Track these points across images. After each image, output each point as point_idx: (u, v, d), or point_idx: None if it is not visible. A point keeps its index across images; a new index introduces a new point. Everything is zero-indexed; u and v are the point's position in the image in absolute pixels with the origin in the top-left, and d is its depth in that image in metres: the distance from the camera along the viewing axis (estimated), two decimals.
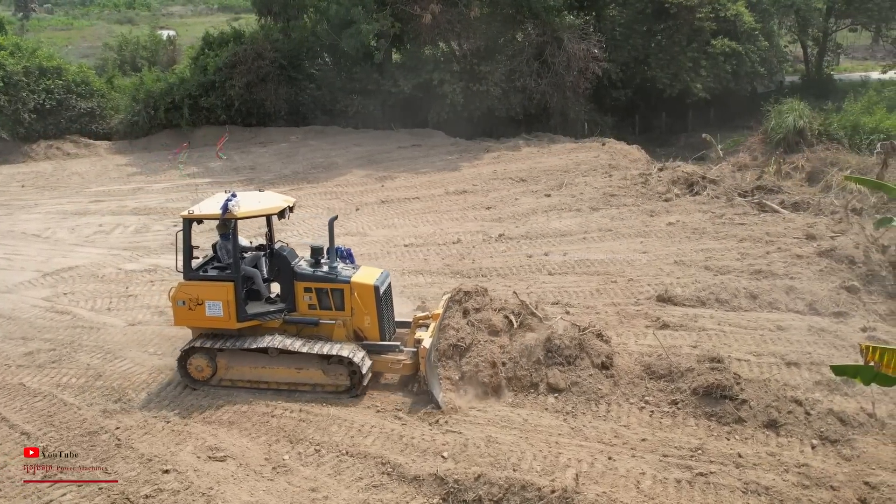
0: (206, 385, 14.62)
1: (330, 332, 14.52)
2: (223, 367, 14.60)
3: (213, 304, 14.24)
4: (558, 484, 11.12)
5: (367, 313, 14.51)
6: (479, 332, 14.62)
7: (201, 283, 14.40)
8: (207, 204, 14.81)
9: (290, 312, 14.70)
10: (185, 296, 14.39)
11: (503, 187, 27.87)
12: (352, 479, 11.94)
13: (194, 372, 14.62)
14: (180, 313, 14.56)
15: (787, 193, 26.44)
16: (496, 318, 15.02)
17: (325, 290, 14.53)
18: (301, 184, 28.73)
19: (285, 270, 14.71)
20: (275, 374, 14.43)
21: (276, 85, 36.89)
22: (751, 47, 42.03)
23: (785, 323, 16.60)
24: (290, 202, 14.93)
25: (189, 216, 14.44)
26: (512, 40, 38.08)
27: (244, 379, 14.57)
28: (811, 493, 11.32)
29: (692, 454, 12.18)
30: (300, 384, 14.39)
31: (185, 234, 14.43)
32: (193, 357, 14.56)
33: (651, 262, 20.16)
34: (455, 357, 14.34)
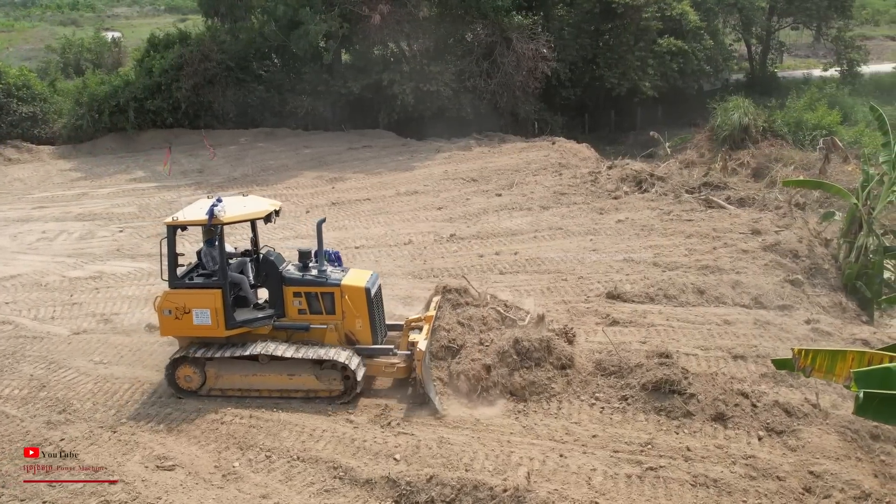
0: (195, 395, 14.25)
1: (321, 336, 14.26)
2: (213, 377, 14.25)
3: (200, 312, 13.89)
4: (510, 483, 11.14)
5: (359, 316, 14.27)
6: (470, 333, 14.52)
7: (188, 292, 14.04)
8: (191, 210, 14.41)
9: (280, 318, 14.41)
10: (171, 305, 14.00)
11: (454, 187, 27.89)
12: (303, 484, 11.84)
13: (183, 382, 14.25)
14: (167, 323, 14.17)
15: (733, 189, 26.89)
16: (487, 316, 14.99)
17: (314, 294, 14.27)
18: (251, 186, 28.37)
19: (273, 275, 14.43)
20: (266, 381, 14.13)
21: (224, 87, 36.42)
22: (696, 46, 42.70)
23: (731, 317, 16.89)
24: (276, 206, 14.66)
25: (173, 223, 14.06)
26: (461, 40, 38.14)
27: (234, 388, 14.24)
28: (758, 483, 11.51)
29: (642, 449, 12.31)
30: (292, 391, 14.12)
31: (170, 242, 14.08)
32: (181, 367, 14.19)
33: (601, 260, 20.34)
34: (447, 358, 14.21)
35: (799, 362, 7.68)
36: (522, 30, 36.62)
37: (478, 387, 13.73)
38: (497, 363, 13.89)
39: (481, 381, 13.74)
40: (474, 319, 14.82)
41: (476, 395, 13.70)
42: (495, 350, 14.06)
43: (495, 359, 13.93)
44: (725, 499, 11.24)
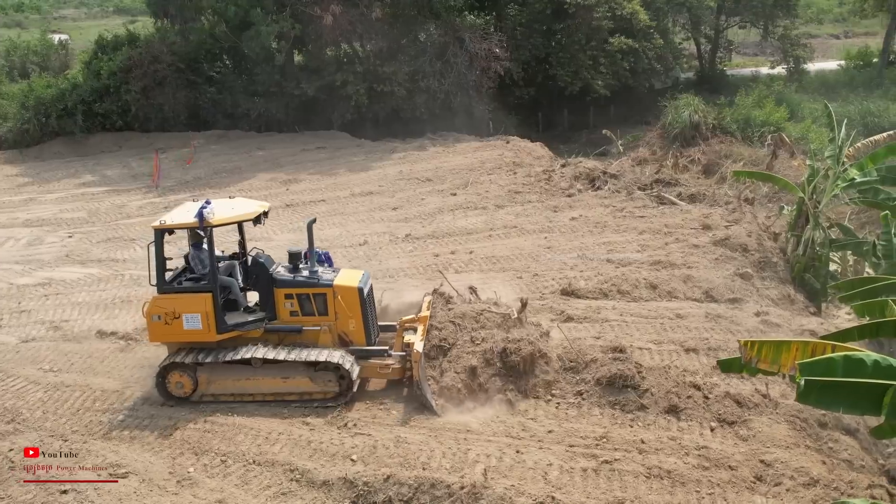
0: (187, 402, 14.01)
1: (315, 338, 14.10)
2: (205, 382, 14.02)
3: (190, 316, 13.68)
4: (467, 480, 11.21)
5: (352, 317, 14.16)
6: (461, 331, 14.45)
7: (177, 296, 13.81)
8: (178, 213, 14.21)
9: (271, 321, 14.22)
10: (160, 310, 13.75)
11: (409, 187, 27.89)
12: (259, 487, 11.77)
13: (174, 389, 14.00)
14: (156, 329, 13.92)
15: (685, 186, 27.32)
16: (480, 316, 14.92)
17: (307, 295, 14.13)
18: (203, 189, 28.08)
19: (263, 278, 14.25)
20: (260, 385, 13.96)
21: (175, 89, 35.85)
22: (647, 45, 43.22)
23: (683, 311, 17.15)
24: (264, 207, 14.50)
25: (161, 226, 13.79)
26: (415, 41, 38.10)
27: (227, 393, 14.03)
28: (711, 473, 11.73)
29: (597, 443, 12.47)
30: (287, 394, 13.97)
31: (157, 246, 13.83)
32: (172, 373, 13.94)
33: (555, 257, 20.52)
34: (438, 357, 14.13)
35: (745, 354, 7.82)
36: (475, 30, 36.73)
37: (470, 391, 13.69)
38: (483, 366, 13.83)
39: (472, 388, 13.69)
40: (466, 318, 14.75)
41: (470, 401, 13.64)
42: (482, 350, 14.01)
43: (482, 360, 13.86)
44: (679, 489, 11.43)
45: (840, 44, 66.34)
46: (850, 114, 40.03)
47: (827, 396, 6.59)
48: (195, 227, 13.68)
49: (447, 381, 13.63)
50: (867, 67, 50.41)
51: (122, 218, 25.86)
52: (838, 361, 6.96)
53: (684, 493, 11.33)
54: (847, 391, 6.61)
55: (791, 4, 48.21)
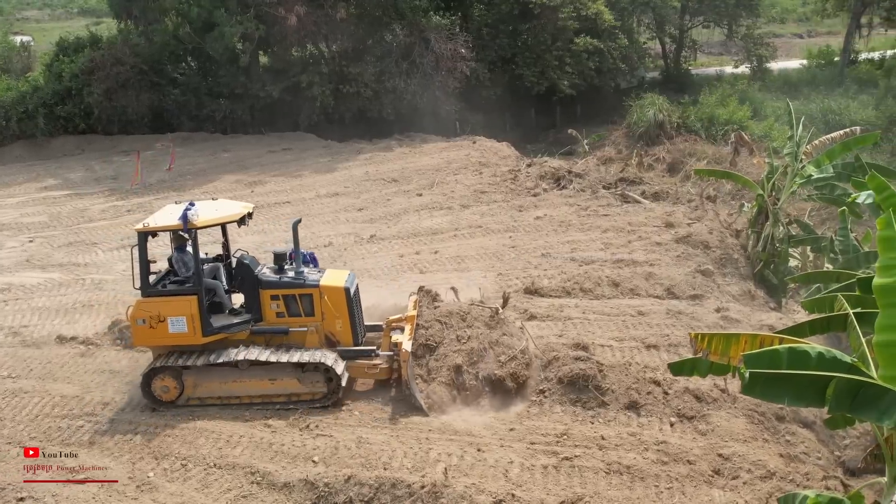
0: (173, 406, 13.86)
1: (302, 339, 14.03)
2: (191, 386, 13.88)
3: (175, 319, 13.55)
4: (428, 479, 11.25)
5: (339, 317, 14.10)
6: (447, 330, 14.40)
7: (162, 299, 13.68)
8: (161, 216, 14.05)
9: (257, 322, 14.13)
10: (144, 314, 13.60)
11: (375, 188, 27.85)
12: (220, 491, 11.72)
13: (160, 393, 13.83)
14: (140, 332, 13.78)
15: (648, 184, 27.56)
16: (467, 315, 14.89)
17: (293, 296, 14.06)
18: (167, 192, 27.83)
19: (249, 279, 14.15)
20: (247, 387, 13.85)
21: (138, 91, 35.50)
22: (611, 44, 43.50)
23: (645, 308, 17.31)
24: (248, 208, 14.40)
25: (144, 229, 13.65)
26: (380, 41, 38.06)
27: (214, 396, 13.91)
28: (670, 468, 11.87)
29: (558, 440, 12.56)
30: (274, 395, 13.87)
31: (141, 249, 13.63)
32: (158, 377, 13.78)
33: (519, 256, 20.60)
34: (425, 356, 14.09)
35: (696, 346, 7.92)
36: (440, 30, 36.78)
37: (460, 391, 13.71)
38: (468, 365, 13.82)
39: (457, 389, 13.71)
40: (453, 316, 14.72)
41: (457, 402, 13.65)
42: (468, 350, 14.00)
43: (467, 359, 13.85)
44: (638, 484, 11.55)
45: (803, 43, 67.21)
46: (811, 112, 40.71)
47: (772, 388, 6.69)
48: (179, 230, 13.60)
49: (435, 388, 13.63)
50: (829, 66, 51.09)
51: (84, 222, 25.56)
52: (783, 353, 7.08)
53: (643, 488, 11.45)
54: (791, 383, 6.72)
55: (753, 4, 48.71)
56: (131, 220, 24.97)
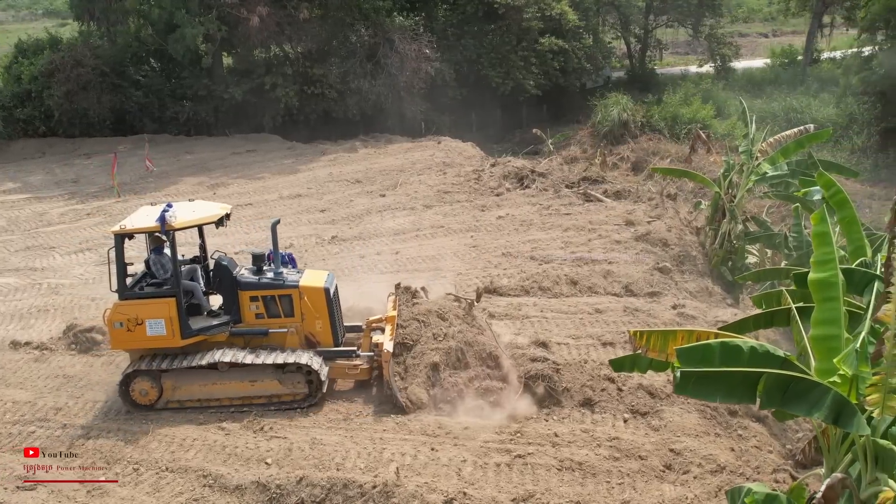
0: (151, 410, 13.68)
1: (281, 340, 13.93)
2: (170, 389, 13.71)
3: (154, 322, 13.39)
4: (380, 479, 11.24)
5: (319, 317, 14.03)
6: (425, 328, 14.32)
7: (139, 302, 13.50)
8: (138, 217, 13.86)
9: (236, 324, 14.00)
10: (122, 317, 13.42)
11: (338, 189, 27.79)
12: (171, 494, 11.63)
13: (138, 397, 13.65)
14: (118, 336, 13.59)
15: (611, 183, 27.77)
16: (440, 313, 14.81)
17: (272, 297, 13.94)
18: (127, 195, 27.61)
19: (227, 281, 14.00)
20: (227, 389, 13.69)
21: (99, 93, 35.13)
22: (576, 44, 43.77)
23: (602, 305, 17.42)
24: (226, 209, 14.29)
25: (121, 231, 13.46)
26: (345, 42, 37.97)
27: (193, 398, 13.75)
28: (621, 464, 11.96)
29: (512, 438, 12.60)
30: (255, 397, 13.74)
31: (118, 251, 13.48)
32: (136, 381, 13.60)
33: (480, 256, 20.67)
34: (402, 354, 14.00)
35: (635, 343, 8.00)
36: (404, 31, 36.78)
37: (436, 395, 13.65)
38: (444, 363, 13.77)
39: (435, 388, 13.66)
40: (431, 314, 14.67)
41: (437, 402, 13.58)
42: (446, 348, 13.93)
43: (444, 357, 13.79)
44: (590, 480, 11.63)
45: (768, 42, 67.99)
46: (774, 110, 41.30)
47: (704, 386, 6.76)
48: (157, 232, 13.48)
49: (413, 389, 13.56)
50: (791, 65, 51.76)
51: (42, 225, 25.24)
52: (715, 349, 7.17)
53: (595, 484, 11.53)
54: (722, 380, 6.79)
55: (716, 4, 49.18)
56: (90, 224, 24.86)
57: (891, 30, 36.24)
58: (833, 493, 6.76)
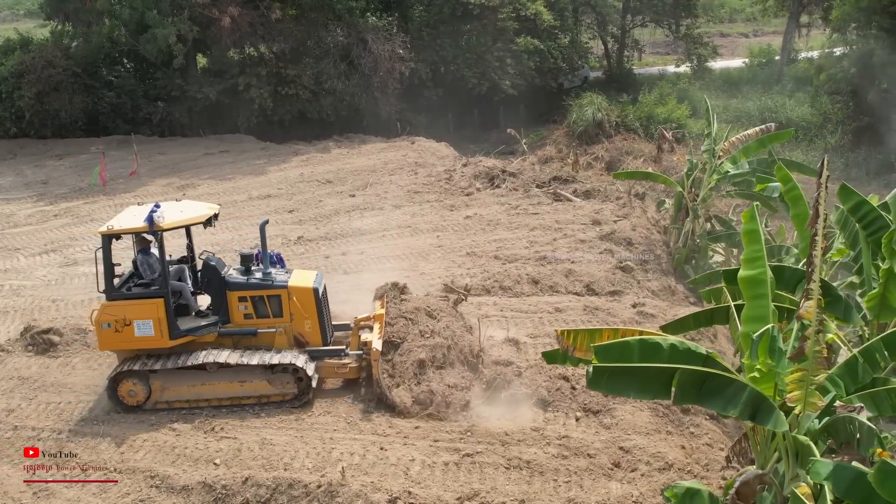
0: (140, 410, 13.64)
1: (270, 340, 13.92)
2: (158, 389, 13.67)
3: (142, 323, 13.36)
4: (325, 479, 11.24)
5: (308, 317, 14.04)
6: (412, 325, 14.31)
7: (127, 303, 13.45)
8: (126, 218, 13.81)
9: (225, 324, 13.98)
10: (110, 317, 13.37)
11: (308, 190, 27.73)
12: (118, 495, 11.60)
13: (127, 397, 13.61)
14: (105, 337, 13.53)
15: (581, 183, 27.78)
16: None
17: (261, 297, 13.94)
18: (97, 196, 27.48)
19: (215, 281, 13.98)
20: (216, 390, 13.67)
21: (71, 94, 34.92)
22: (552, 44, 43.83)
23: (563, 304, 17.47)
24: (214, 209, 14.28)
25: (108, 232, 13.40)
26: (319, 42, 37.87)
27: (182, 399, 13.72)
28: (570, 462, 12.01)
29: (461, 437, 12.63)
30: (244, 397, 13.72)
31: (105, 252, 13.41)
32: (124, 382, 13.56)
33: (445, 255, 20.68)
34: (389, 352, 13.96)
35: (562, 343, 8.03)
36: (378, 31, 36.73)
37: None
38: (430, 361, 13.77)
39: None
40: (420, 311, 14.69)
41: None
42: (432, 345, 13.93)
43: (430, 355, 13.78)
44: (537, 478, 11.66)
45: (749, 42, 68.34)
46: (749, 109, 41.53)
47: (617, 381, 6.79)
48: (145, 232, 13.46)
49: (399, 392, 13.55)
50: (769, 65, 52.01)
51: (8, 227, 25.05)
52: (634, 346, 7.21)
53: (541, 482, 11.56)
54: (636, 376, 6.83)
55: (692, 4, 49.34)
56: (56, 226, 24.75)
57: (861, 29, 36.48)
58: (749, 490, 6.81)
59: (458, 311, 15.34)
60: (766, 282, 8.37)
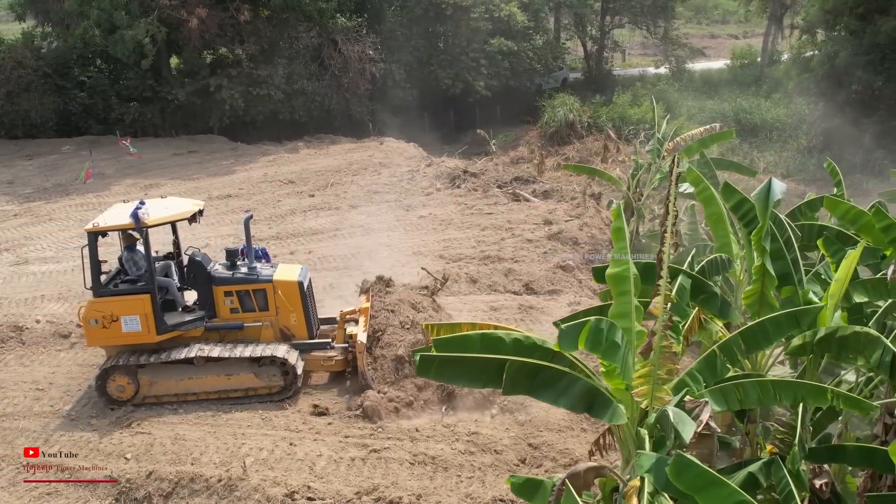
0: (128, 405, 13.78)
1: (256, 334, 14.11)
2: (146, 384, 13.86)
3: (129, 319, 13.55)
4: (227, 473, 11.40)
5: (293, 311, 14.23)
6: (394, 316, 14.50)
7: (114, 299, 13.65)
8: (111, 215, 14.02)
9: (211, 319, 14.17)
10: (97, 314, 13.56)
11: (269, 190, 27.86)
12: (26, 489, 11.76)
13: (115, 392, 13.78)
14: (93, 333, 13.72)
15: (542, 183, 27.93)
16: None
17: (246, 291, 14.14)
18: (59, 197, 27.63)
19: (201, 276, 14.20)
20: (203, 384, 13.87)
21: (41, 94, 35.05)
22: (526, 45, 43.95)
23: (498, 303, 17.61)
24: (199, 206, 14.49)
25: (94, 229, 13.59)
26: (291, 43, 37.95)
27: (170, 393, 13.91)
28: (475, 458, 12.15)
29: (372, 433, 12.77)
30: (231, 391, 13.91)
31: (91, 249, 13.60)
32: (113, 377, 13.73)
33: (391, 255, 20.78)
34: (372, 345, 14.13)
35: (426, 336, 8.17)
36: (348, 32, 36.84)
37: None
38: (409, 357, 13.84)
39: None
40: (403, 304, 14.88)
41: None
42: (412, 341, 14.05)
43: (408, 350, 13.89)
44: (441, 474, 11.80)
45: (739, 43, 68.36)
46: (724, 111, 41.63)
47: (446, 371, 6.92)
48: (131, 229, 13.64)
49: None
50: (750, 66, 52.11)
51: None
52: (475, 339, 7.36)
53: (444, 478, 11.71)
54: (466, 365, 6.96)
55: (669, 6, 49.42)
56: (14, 225, 24.89)
57: (828, 31, 36.61)
58: (577, 482, 6.94)
59: (439, 304, 15.56)
60: (629, 279, 8.49)
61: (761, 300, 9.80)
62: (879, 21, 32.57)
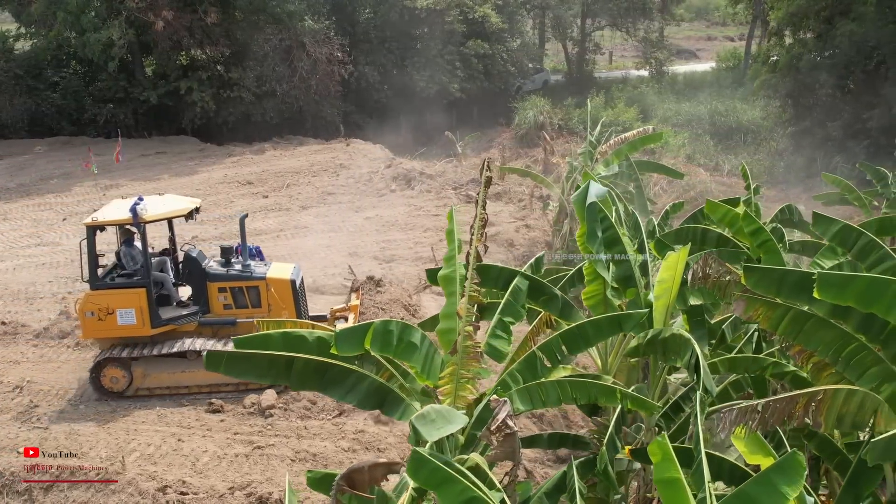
0: (121, 396, 14.18)
1: (249, 330, 14.27)
2: (140, 376, 14.28)
3: (124, 312, 13.95)
4: (110, 468, 11.69)
5: (286, 308, 14.56)
6: (381, 314, 14.87)
7: (110, 292, 14.07)
8: (109, 210, 14.52)
9: (205, 314, 14.54)
10: (93, 306, 13.97)
11: (225, 191, 28.18)
12: None
13: (108, 384, 14.19)
14: (89, 325, 14.12)
15: (496, 184, 28.07)
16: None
17: (240, 288, 14.54)
18: (19, 197, 28.02)
19: (196, 272, 14.61)
20: (195, 377, 14.24)
21: (12, 95, 35.50)
22: (500, 47, 44.12)
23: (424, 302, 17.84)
24: (196, 203, 14.96)
25: (92, 223, 14.09)
26: (261, 45, 38.23)
27: (163, 386, 14.33)
28: (356, 455, 12.43)
29: (261, 430, 13.04)
30: (222, 385, 14.28)
31: (89, 243, 14.10)
32: (107, 368, 14.13)
33: (328, 256, 21.08)
34: None
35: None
36: (315, 34, 37.11)
37: None
38: None
39: None
40: (395, 303, 15.27)
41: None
42: None
43: None
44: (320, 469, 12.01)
45: (728, 46, 68.37)
46: (700, 113, 41.70)
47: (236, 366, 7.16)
48: (129, 224, 14.07)
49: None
50: (735, 68, 52.12)
51: None
52: (277, 338, 7.61)
53: None
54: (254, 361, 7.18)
55: (647, 8, 49.45)
56: None
57: (794, 34, 36.61)
58: (362, 477, 7.17)
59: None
60: (456, 280, 8.73)
61: (604, 301, 10.03)
62: (839, 24, 32.59)
